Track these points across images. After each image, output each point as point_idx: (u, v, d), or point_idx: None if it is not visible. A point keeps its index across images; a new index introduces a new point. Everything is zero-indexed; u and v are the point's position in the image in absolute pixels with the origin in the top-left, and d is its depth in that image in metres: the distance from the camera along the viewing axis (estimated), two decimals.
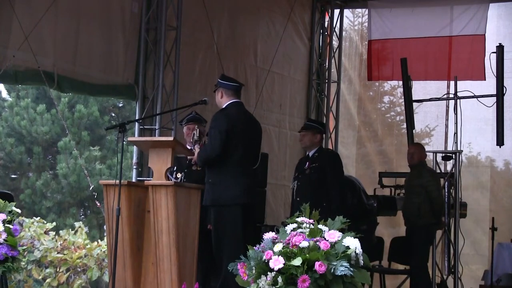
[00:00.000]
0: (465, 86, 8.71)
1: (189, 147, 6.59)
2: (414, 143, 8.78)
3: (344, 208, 6.84)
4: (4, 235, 5.47)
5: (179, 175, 6.91)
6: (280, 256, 4.14)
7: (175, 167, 6.89)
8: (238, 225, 5.99)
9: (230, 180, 5.99)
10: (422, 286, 8.16)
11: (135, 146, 8.41)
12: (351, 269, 4.09)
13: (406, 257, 8.64)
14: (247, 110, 6.44)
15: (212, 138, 6.01)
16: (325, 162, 7.28)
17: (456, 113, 8.52)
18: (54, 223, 9.02)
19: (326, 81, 11.40)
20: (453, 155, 8.50)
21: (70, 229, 9.15)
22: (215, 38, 9.40)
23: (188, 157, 6.45)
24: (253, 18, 10.24)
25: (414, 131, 9.22)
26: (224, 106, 6.20)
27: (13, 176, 16.10)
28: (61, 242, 8.70)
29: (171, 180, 6.60)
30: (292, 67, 10.99)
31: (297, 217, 4.37)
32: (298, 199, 7.21)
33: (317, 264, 4.08)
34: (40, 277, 8.53)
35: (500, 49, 8.35)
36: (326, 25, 11.54)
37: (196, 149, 6.24)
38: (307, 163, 7.35)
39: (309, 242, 4.15)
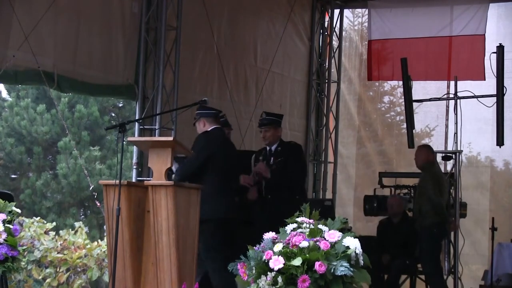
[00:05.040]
0: (465, 86, 8.69)
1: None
2: (419, 146, 8.68)
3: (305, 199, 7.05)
4: (4, 235, 5.47)
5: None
6: (280, 256, 4.14)
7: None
8: (216, 239, 6.28)
9: (210, 197, 6.22)
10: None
11: (135, 146, 8.41)
12: (351, 269, 4.10)
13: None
14: (226, 136, 6.81)
15: (192, 158, 6.34)
16: (291, 155, 7.12)
17: (456, 113, 8.50)
18: (54, 223, 9.00)
19: (326, 81, 11.40)
20: (453, 155, 8.49)
21: (70, 229, 9.14)
22: (215, 38, 9.40)
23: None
24: (253, 18, 10.23)
25: (414, 131, 9.18)
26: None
27: (13, 176, 16.09)
28: (61, 242, 8.69)
29: None
30: (292, 67, 10.98)
31: (297, 217, 4.38)
32: (269, 196, 7.06)
33: (317, 264, 4.08)
34: (40, 277, 8.52)
35: (500, 49, 8.33)
36: (326, 25, 11.54)
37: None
38: (272, 158, 7.16)
39: (309, 242, 4.15)
